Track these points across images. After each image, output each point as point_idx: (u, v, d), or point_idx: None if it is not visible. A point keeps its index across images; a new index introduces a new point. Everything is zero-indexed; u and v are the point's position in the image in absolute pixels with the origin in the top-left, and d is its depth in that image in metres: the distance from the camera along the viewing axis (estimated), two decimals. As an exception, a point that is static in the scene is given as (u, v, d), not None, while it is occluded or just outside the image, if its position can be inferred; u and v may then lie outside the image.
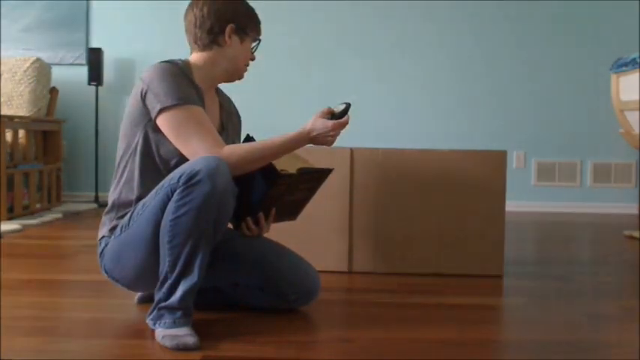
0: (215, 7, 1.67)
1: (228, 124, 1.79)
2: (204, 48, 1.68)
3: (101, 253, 1.62)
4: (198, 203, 1.40)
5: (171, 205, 1.44)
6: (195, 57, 1.70)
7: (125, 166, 1.62)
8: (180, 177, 1.43)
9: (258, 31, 1.76)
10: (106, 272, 1.63)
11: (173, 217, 1.43)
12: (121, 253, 1.57)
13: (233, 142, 1.80)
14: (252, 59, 1.76)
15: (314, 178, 1.71)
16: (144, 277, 1.59)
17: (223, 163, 1.45)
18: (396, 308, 1.84)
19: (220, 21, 1.67)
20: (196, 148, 1.51)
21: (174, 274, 1.45)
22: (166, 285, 1.46)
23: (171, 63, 1.60)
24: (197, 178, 1.40)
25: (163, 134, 1.56)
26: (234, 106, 1.88)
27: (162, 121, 1.53)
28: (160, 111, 1.52)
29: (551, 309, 1.86)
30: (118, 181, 1.64)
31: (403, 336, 1.57)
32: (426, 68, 4.62)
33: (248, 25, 1.71)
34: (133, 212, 1.56)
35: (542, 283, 2.22)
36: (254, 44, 1.76)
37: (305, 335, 1.56)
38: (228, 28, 1.67)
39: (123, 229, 1.57)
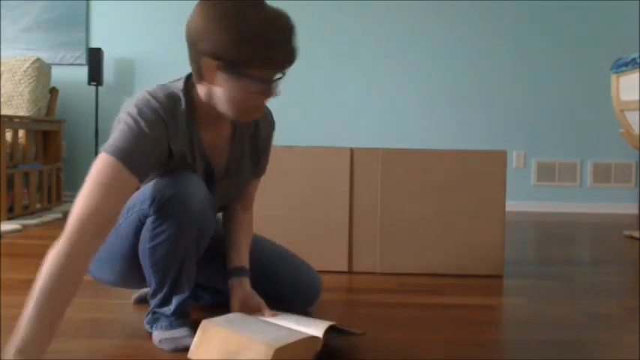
0: (191, 27, 1.27)
1: (241, 159, 1.54)
2: (197, 80, 1.34)
3: None
4: (174, 230, 1.34)
5: (146, 234, 1.37)
6: (198, 86, 1.37)
7: None
8: (150, 204, 1.33)
9: (265, 66, 1.26)
10: (88, 271, 1.62)
11: (151, 245, 1.37)
12: (100, 261, 1.54)
13: (249, 174, 1.59)
14: (266, 95, 1.31)
15: None
16: (125, 283, 1.58)
17: (193, 178, 1.34)
18: (396, 308, 1.84)
19: (196, 51, 1.27)
20: (78, 202, 1.20)
21: (164, 291, 1.43)
22: (158, 297, 1.45)
23: (164, 108, 1.32)
24: (169, 205, 1.32)
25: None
26: (265, 126, 1.57)
27: None
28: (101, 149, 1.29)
29: (551, 309, 1.86)
30: None
31: (403, 336, 1.56)
32: (425, 68, 4.62)
33: (242, 63, 1.25)
34: None
35: (542, 283, 2.22)
36: (265, 82, 1.29)
37: (305, 335, 1.56)
38: (205, 63, 1.27)
39: None
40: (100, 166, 1.23)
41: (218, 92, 1.31)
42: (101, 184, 1.21)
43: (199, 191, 1.36)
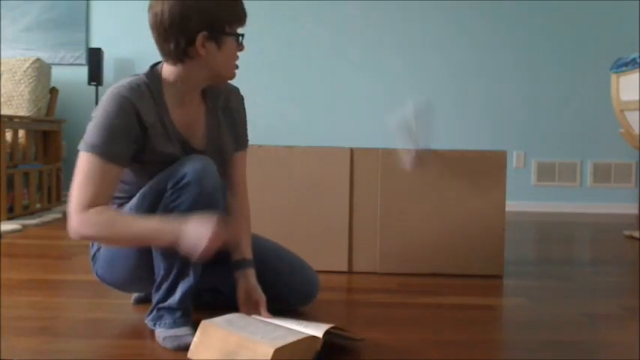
0: (177, 15, 1.38)
1: (219, 128, 1.60)
2: (175, 63, 1.45)
3: (93, 256, 1.61)
4: (187, 207, 1.39)
5: (159, 211, 1.41)
6: (166, 70, 1.48)
7: None
8: (167, 182, 1.41)
9: (239, 21, 1.46)
10: (98, 276, 1.63)
11: None
12: (112, 260, 1.56)
13: (232, 143, 1.64)
14: (241, 50, 1.49)
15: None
16: (136, 282, 1.60)
17: (209, 163, 1.42)
18: (396, 308, 1.84)
19: (186, 32, 1.39)
20: (72, 197, 1.39)
21: (171, 278, 1.46)
22: (164, 287, 1.47)
23: (128, 90, 1.41)
24: (184, 181, 1.39)
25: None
26: (235, 99, 1.66)
27: None
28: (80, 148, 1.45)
29: (551, 309, 1.86)
30: None
31: (403, 336, 1.56)
32: (425, 68, 4.62)
33: (226, 22, 1.43)
34: None
35: (542, 283, 2.22)
36: (238, 38, 1.48)
37: (305, 335, 1.56)
38: (200, 38, 1.40)
39: None
40: (82, 163, 1.40)
41: (204, 61, 1.44)
42: (87, 177, 1.38)
43: (213, 175, 1.42)
